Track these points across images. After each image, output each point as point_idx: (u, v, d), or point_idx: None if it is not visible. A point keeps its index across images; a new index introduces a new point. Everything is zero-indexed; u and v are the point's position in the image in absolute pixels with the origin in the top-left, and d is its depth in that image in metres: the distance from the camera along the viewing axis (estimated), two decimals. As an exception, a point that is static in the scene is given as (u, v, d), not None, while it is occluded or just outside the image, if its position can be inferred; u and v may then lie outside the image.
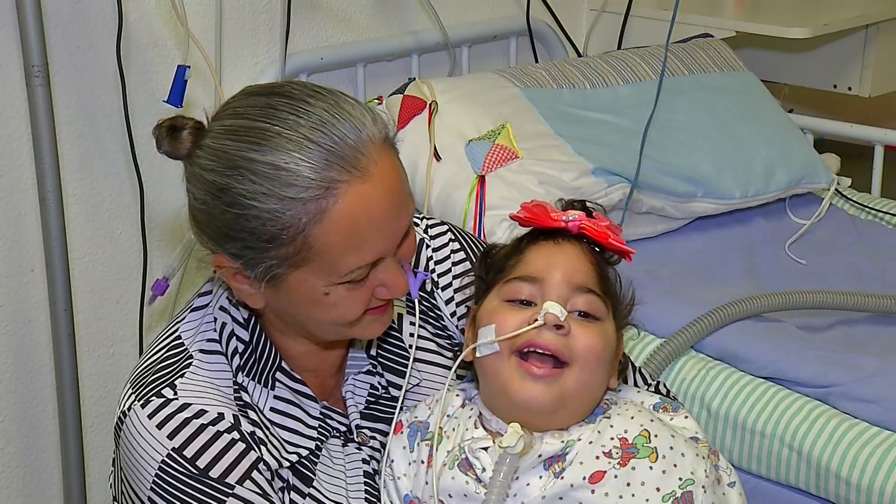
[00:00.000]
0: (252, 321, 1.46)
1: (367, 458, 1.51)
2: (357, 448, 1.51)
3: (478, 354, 1.43)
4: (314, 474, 1.46)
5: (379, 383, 1.53)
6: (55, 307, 2.13)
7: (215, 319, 1.47)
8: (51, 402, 2.27)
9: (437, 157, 2.38)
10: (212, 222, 1.36)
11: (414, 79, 2.55)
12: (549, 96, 2.55)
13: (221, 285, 1.48)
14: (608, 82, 2.63)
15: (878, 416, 1.89)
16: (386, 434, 1.52)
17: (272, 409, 1.45)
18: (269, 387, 1.45)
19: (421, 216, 1.66)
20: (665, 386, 1.69)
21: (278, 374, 1.46)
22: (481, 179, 2.33)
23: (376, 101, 2.53)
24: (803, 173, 2.63)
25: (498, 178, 2.33)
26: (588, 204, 1.53)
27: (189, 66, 2.10)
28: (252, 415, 1.43)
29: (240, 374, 1.44)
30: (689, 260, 2.45)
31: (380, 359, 1.54)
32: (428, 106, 2.44)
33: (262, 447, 1.41)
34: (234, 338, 1.45)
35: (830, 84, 3.04)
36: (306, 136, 1.32)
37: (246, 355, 1.45)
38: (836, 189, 2.70)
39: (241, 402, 1.43)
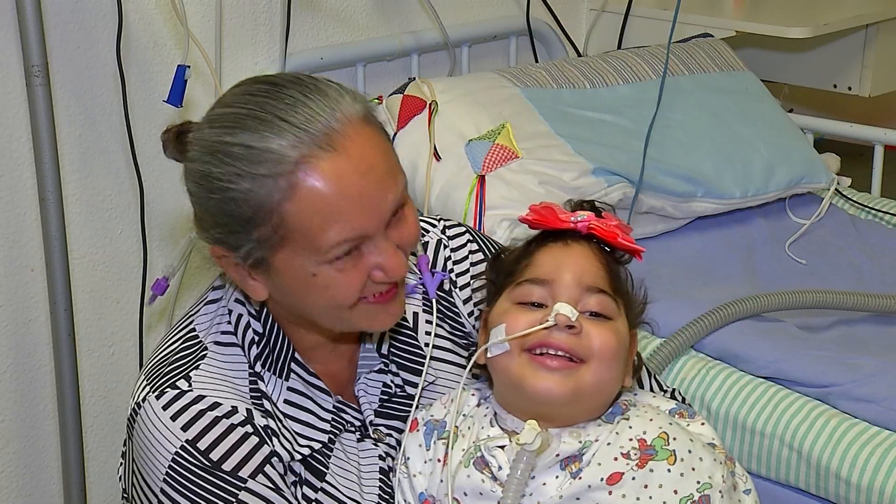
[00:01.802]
0: (264, 312, 1.46)
1: (384, 455, 1.51)
2: (374, 444, 1.51)
3: (489, 355, 1.43)
4: (327, 468, 1.46)
5: (392, 381, 1.53)
6: (55, 307, 2.13)
7: (230, 311, 1.47)
8: (51, 402, 2.26)
9: (437, 156, 2.38)
10: (203, 213, 1.39)
11: (414, 79, 2.55)
12: (549, 96, 2.55)
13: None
14: (608, 82, 2.63)
15: (878, 416, 1.89)
16: (401, 431, 1.52)
17: (286, 402, 1.45)
18: (283, 377, 1.45)
19: (438, 218, 1.67)
20: (680, 394, 1.69)
21: (293, 366, 1.46)
22: (481, 179, 2.33)
23: (376, 101, 2.53)
24: (803, 173, 2.63)
25: (498, 178, 2.33)
26: (597, 204, 1.53)
27: (189, 66, 2.10)
28: (266, 405, 1.43)
29: (257, 363, 1.45)
30: (689, 260, 2.45)
31: (394, 357, 1.54)
32: (428, 106, 2.44)
33: (275, 438, 1.41)
34: (250, 329, 1.46)
35: (830, 84, 3.04)
36: (277, 115, 1.34)
37: (261, 346, 1.45)
38: (836, 189, 2.70)
39: (257, 393, 1.43)
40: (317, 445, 1.45)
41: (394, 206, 1.39)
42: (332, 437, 1.47)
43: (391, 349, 1.54)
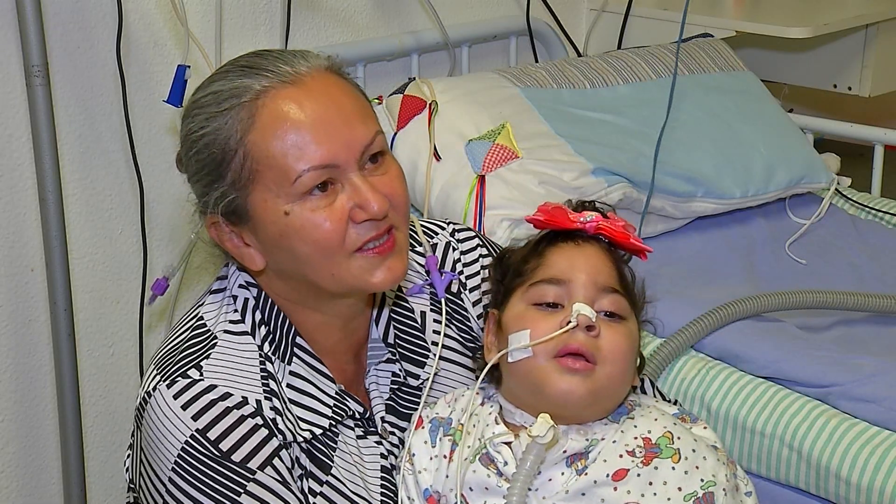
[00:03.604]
0: (263, 296, 1.47)
1: (385, 453, 1.52)
2: (376, 442, 1.52)
3: (511, 360, 1.44)
4: (332, 461, 1.47)
5: (400, 370, 1.55)
6: (55, 307, 2.13)
7: (235, 298, 1.48)
8: (51, 402, 2.26)
9: (437, 156, 2.38)
10: (192, 180, 1.44)
11: (414, 78, 2.55)
12: (549, 96, 2.55)
13: (236, 267, 1.49)
14: (608, 82, 2.63)
15: (878, 416, 1.89)
16: (404, 430, 1.53)
17: (289, 386, 1.46)
18: (285, 361, 1.46)
19: (446, 221, 1.69)
20: (681, 405, 1.70)
21: (296, 350, 1.47)
22: (481, 179, 2.33)
23: (376, 101, 2.53)
24: (803, 173, 2.63)
25: (498, 178, 2.33)
26: (598, 204, 1.54)
27: (189, 66, 2.10)
28: (273, 385, 1.44)
29: (265, 343, 1.46)
30: (689, 260, 2.45)
31: (399, 348, 1.55)
32: (428, 106, 2.44)
33: (279, 417, 1.42)
34: (258, 311, 1.47)
35: (830, 84, 3.04)
36: (242, 65, 1.41)
37: (266, 329, 1.47)
38: (836, 189, 2.70)
39: (266, 373, 1.44)
40: (318, 431, 1.46)
41: (365, 143, 1.40)
42: (333, 423, 1.47)
43: (397, 340, 1.55)
